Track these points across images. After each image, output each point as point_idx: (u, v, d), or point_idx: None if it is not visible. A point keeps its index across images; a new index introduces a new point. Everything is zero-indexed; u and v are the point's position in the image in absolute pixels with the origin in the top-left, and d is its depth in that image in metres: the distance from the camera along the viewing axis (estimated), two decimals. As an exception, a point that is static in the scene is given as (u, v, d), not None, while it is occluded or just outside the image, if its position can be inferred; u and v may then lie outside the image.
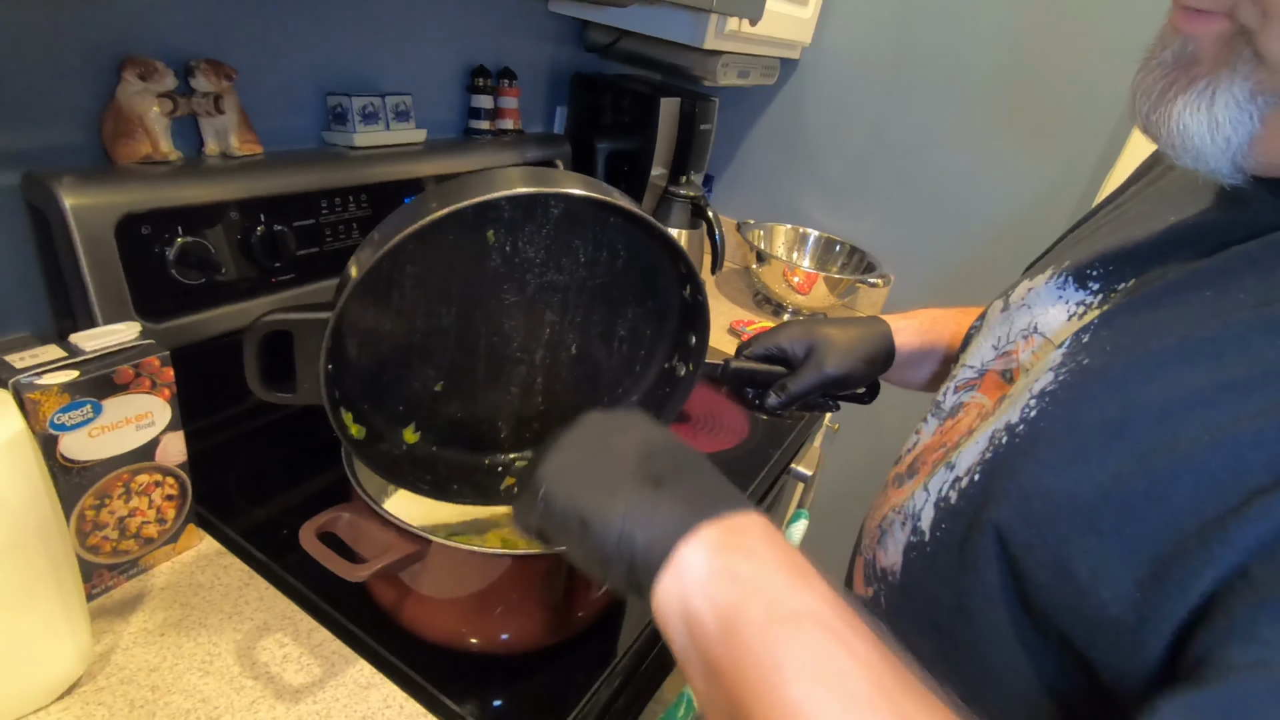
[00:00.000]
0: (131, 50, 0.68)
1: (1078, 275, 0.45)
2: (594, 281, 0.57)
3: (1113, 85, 1.21)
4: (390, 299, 0.52)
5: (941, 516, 0.42)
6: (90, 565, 0.55)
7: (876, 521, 0.50)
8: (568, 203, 0.52)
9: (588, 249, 0.55)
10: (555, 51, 1.28)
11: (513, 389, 0.59)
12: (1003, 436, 0.39)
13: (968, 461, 0.41)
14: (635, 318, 0.60)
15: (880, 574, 0.47)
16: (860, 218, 1.52)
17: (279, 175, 0.78)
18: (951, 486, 0.41)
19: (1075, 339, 0.39)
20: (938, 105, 1.36)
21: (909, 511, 0.45)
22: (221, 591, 0.59)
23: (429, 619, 0.56)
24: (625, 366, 0.62)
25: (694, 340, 0.59)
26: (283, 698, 0.51)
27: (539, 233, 0.53)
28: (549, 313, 0.57)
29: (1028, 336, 0.47)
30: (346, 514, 0.53)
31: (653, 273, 0.57)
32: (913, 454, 0.52)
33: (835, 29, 1.41)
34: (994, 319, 0.52)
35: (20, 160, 0.64)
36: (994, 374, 0.49)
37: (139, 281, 0.67)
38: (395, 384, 0.55)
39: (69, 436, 0.50)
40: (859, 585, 0.51)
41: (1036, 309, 0.47)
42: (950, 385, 0.53)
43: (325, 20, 0.85)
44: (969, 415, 0.48)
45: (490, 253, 0.52)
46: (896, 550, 0.45)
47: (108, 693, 0.49)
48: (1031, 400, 0.39)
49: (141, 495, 0.56)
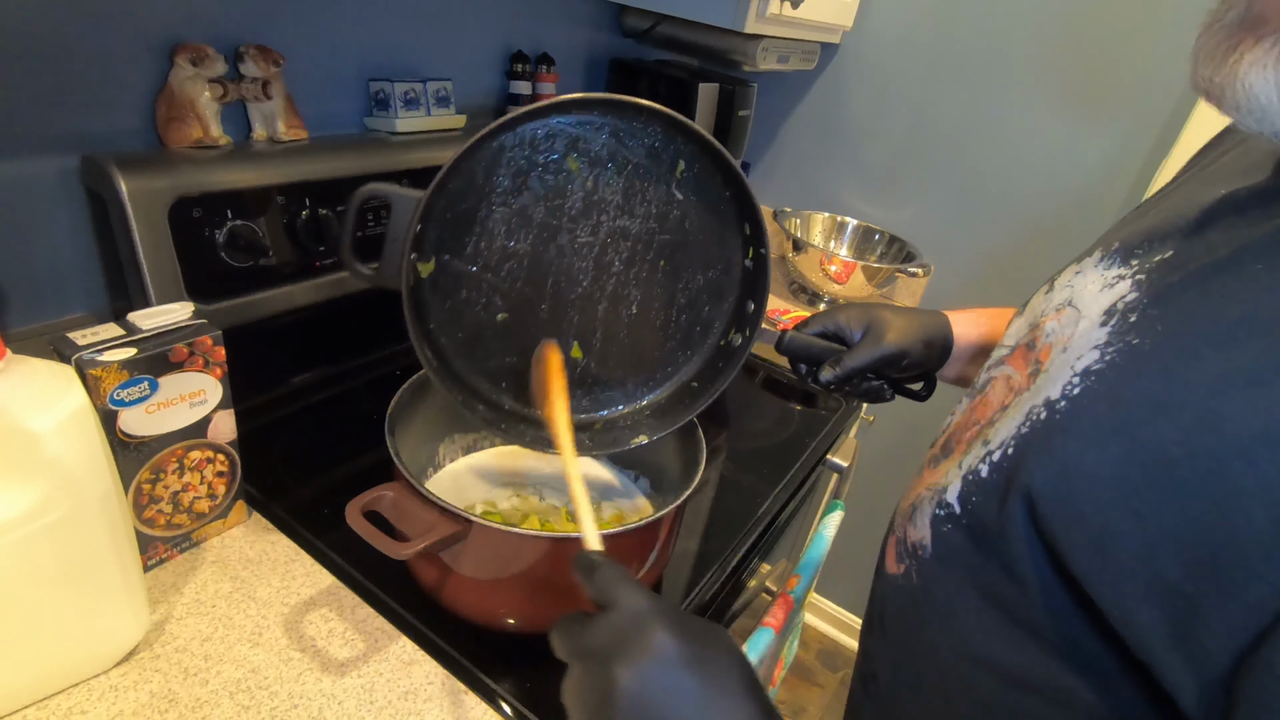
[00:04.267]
0: (184, 36, 0.70)
1: (1124, 253, 0.44)
2: (662, 236, 0.60)
3: (1169, 67, 1.16)
4: (478, 208, 0.56)
5: (969, 489, 0.41)
6: (146, 538, 0.57)
7: (910, 501, 0.50)
8: (652, 129, 0.57)
9: (660, 202, 0.59)
10: (593, 37, 1.28)
11: (571, 339, 0.61)
12: (1041, 412, 0.38)
13: (1002, 436, 0.40)
14: (696, 289, 0.62)
15: (910, 549, 0.47)
16: (900, 206, 1.49)
17: (323, 160, 0.79)
18: (983, 460, 0.41)
19: (1122, 318, 0.38)
20: (983, 90, 1.33)
21: (940, 488, 0.45)
22: (269, 566, 0.60)
23: (469, 599, 0.57)
24: (682, 340, 0.64)
25: (752, 308, 0.61)
26: (329, 671, 0.52)
27: (619, 174, 0.58)
28: (617, 261, 0.60)
29: (1060, 309, 0.46)
30: (390, 493, 0.53)
31: (718, 239, 0.61)
32: (946, 434, 0.52)
33: (877, 12, 1.38)
34: (1037, 301, 0.52)
35: (78, 144, 0.66)
36: (1022, 347, 0.48)
37: (190, 263, 0.68)
38: (463, 305, 0.58)
39: (127, 412, 0.52)
40: (890, 564, 0.50)
41: (1077, 286, 0.47)
42: (986, 364, 0.52)
43: (368, 6, 0.86)
44: (997, 390, 0.47)
45: (573, 182, 0.57)
46: (925, 526, 0.45)
47: (164, 660, 0.51)
48: (1075, 378, 0.38)
49: (194, 471, 0.58)
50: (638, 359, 0.64)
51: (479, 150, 0.53)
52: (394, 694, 0.52)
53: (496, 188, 0.56)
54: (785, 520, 0.86)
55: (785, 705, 1.71)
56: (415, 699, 0.52)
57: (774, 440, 0.97)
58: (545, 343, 0.57)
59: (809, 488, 0.94)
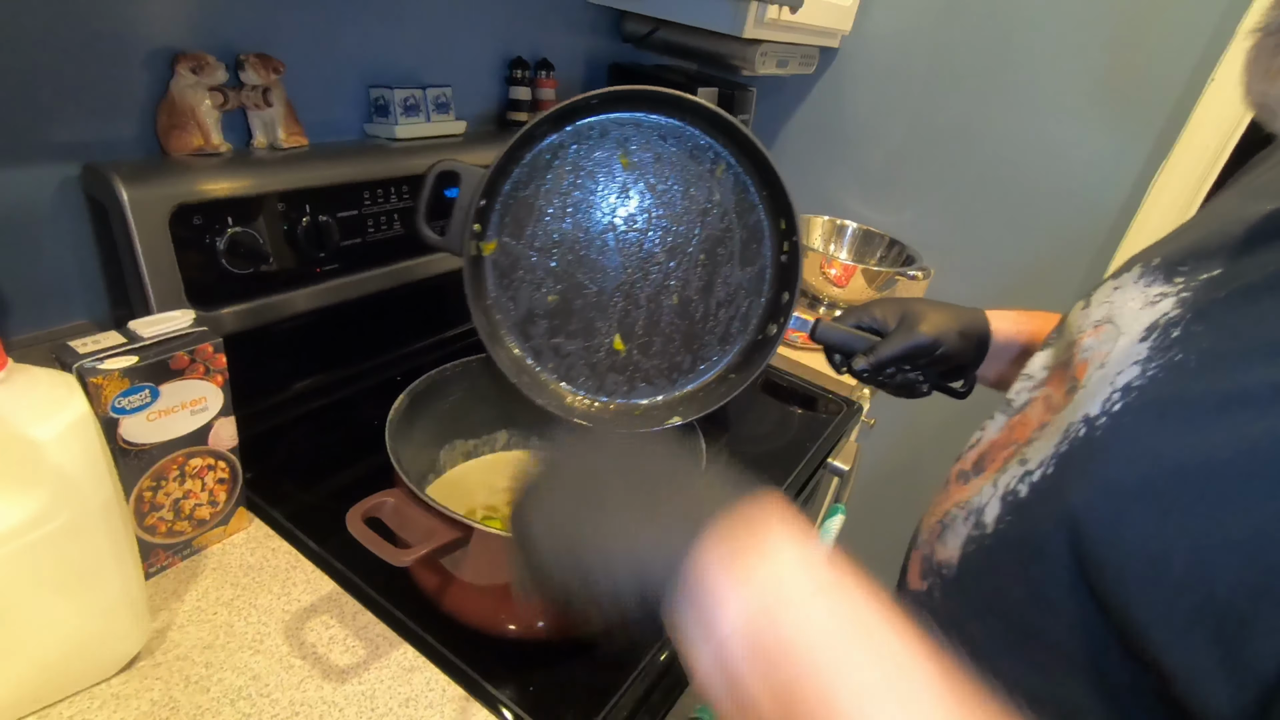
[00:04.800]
0: (184, 45, 0.70)
1: (1166, 269, 0.43)
2: (703, 232, 0.67)
3: (1169, 68, 1.16)
4: (537, 196, 0.64)
5: (1007, 510, 0.41)
6: (147, 545, 0.57)
7: (938, 517, 0.49)
8: (695, 129, 0.65)
9: (701, 199, 0.66)
10: (592, 42, 1.28)
11: (614, 327, 0.67)
12: (1080, 429, 0.37)
13: (1040, 455, 0.39)
14: (734, 284, 0.68)
15: (936, 567, 0.47)
16: (900, 210, 1.49)
17: (323, 167, 0.79)
18: (1021, 480, 0.40)
19: (1164, 333, 0.38)
20: (982, 93, 1.33)
21: (973, 507, 0.44)
22: (270, 573, 0.60)
23: (470, 605, 0.57)
24: (721, 335, 0.69)
25: (786, 298, 0.66)
26: (330, 677, 0.52)
27: (664, 172, 0.65)
28: (660, 254, 0.66)
29: (1098, 325, 0.45)
30: (391, 500, 0.53)
31: (755, 234, 0.67)
32: (977, 450, 0.51)
33: (876, 16, 1.38)
34: (1074, 317, 0.51)
35: (80, 152, 0.66)
36: (1060, 366, 0.48)
37: (191, 270, 0.68)
38: (518, 284, 0.65)
39: (128, 420, 0.52)
40: (914, 580, 0.50)
41: (1117, 303, 0.46)
42: (1024, 384, 0.52)
43: (368, 13, 0.86)
44: (1036, 410, 0.47)
45: (623, 178, 0.65)
46: (955, 545, 0.44)
47: (165, 668, 0.51)
48: (1115, 394, 0.37)
49: (195, 478, 0.58)
50: (678, 350, 0.68)
51: (533, 139, 0.61)
52: (395, 701, 0.52)
53: (553, 179, 0.63)
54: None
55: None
56: (416, 706, 0.52)
57: (774, 444, 0.97)
58: None
59: (810, 492, 0.94)
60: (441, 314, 1.02)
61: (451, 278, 0.98)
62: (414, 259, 0.91)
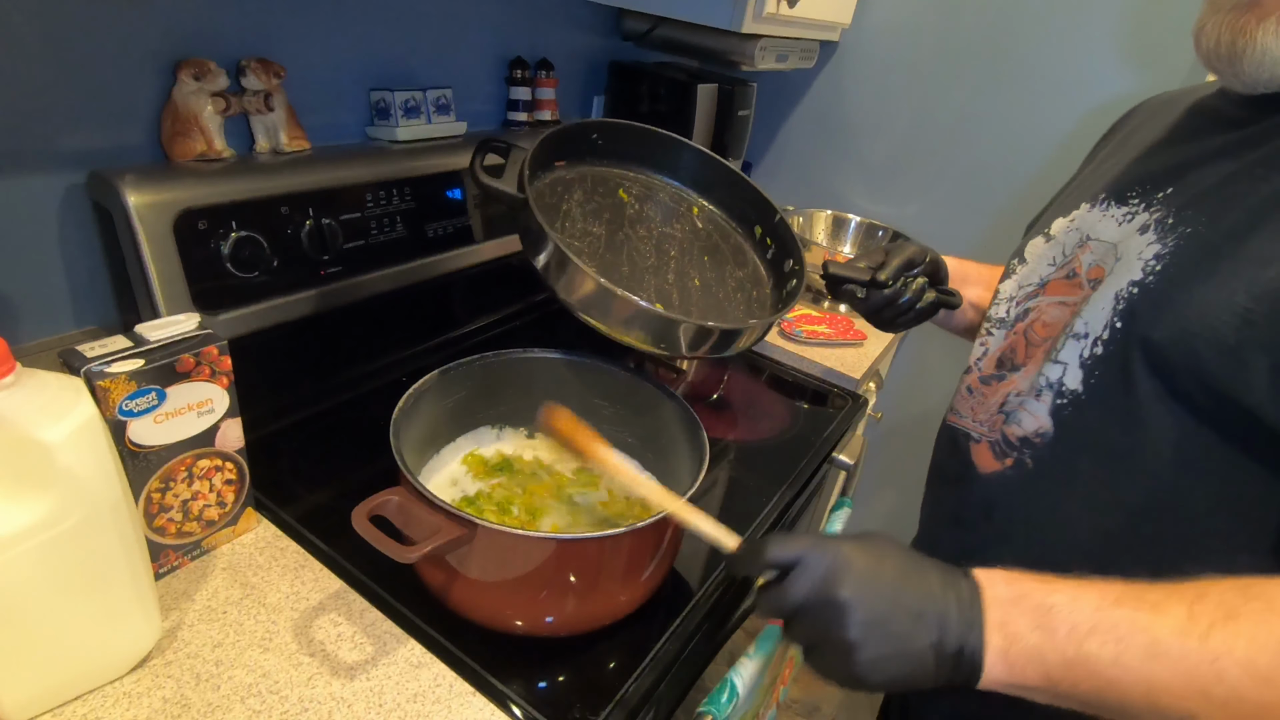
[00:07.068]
0: (186, 52, 0.71)
1: (1116, 195, 0.57)
2: (700, 243, 0.82)
3: (1170, 57, 1.15)
4: (560, 203, 0.75)
5: (1092, 367, 0.51)
6: (157, 546, 0.58)
7: (989, 411, 0.60)
8: (669, 188, 0.86)
9: (689, 224, 0.83)
10: (592, 41, 1.28)
11: (651, 294, 0.74)
12: (1127, 290, 0.50)
13: (1099, 323, 0.51)
14: (740, 279, 0.81)
15: (1019, 443, 0.56)
16: (903, 202, 1.48)
17: (326, 170, 0.80)
18: (1092, 345, 0.51)
19: (1160, 225, 0.51)
20: (983, 83, 1.32)
21: (1042, 384, 0.55)
22: (279, 572, 0.61)
23: (476, 601, 0.58)
24: (746, 310, 0.78)
25: (793, 285, 0.78)
26: (338, 674, 0.53)
27: (656, 206, 0.82)
28: (673, 249, 0.79)
29: (1083, 244, 0.58)
30: (396, 498, 0.54)
31: (739, 250, 0.84)
32: (992, 355, 0.63)
33: (876, 9, 1.38)
34: (1037, 251, 0.64)
35: (85, 160, 0.67)
36: (1057, 280, 0.60)
37: (196, 275, 0.69)
38: None
39: (136, 422, 0.53)
40: (987, 464, 0.59)
41: (1085, 228, 0.59)
42: (1007, 304, 0.64)
43: (368, 16, 0.87)
44: (1047, 313, 0.59)
45: (625, 206, 0.80)
46: (1040, 416, 0.55)
47: (175, 666, 0.52)
48: (1144, 264, 0.50)
49: (203, 479, 0.59)
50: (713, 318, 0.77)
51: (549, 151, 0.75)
52: (403, 697, 0.52)
53: (570, 198, 0.75)
54: (793, 518, 0.86)
55: (799, 704, 1.70)
56: (424, 701, 0.52)
57: (780, 438, 0.97)
58: (546, 409, 0.61)
59: (816, 486, 0.94)
60: (445, 315, 1.02)
61: (454, 278, 0.98)
62: (418, 260, 0.92)
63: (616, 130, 0.81)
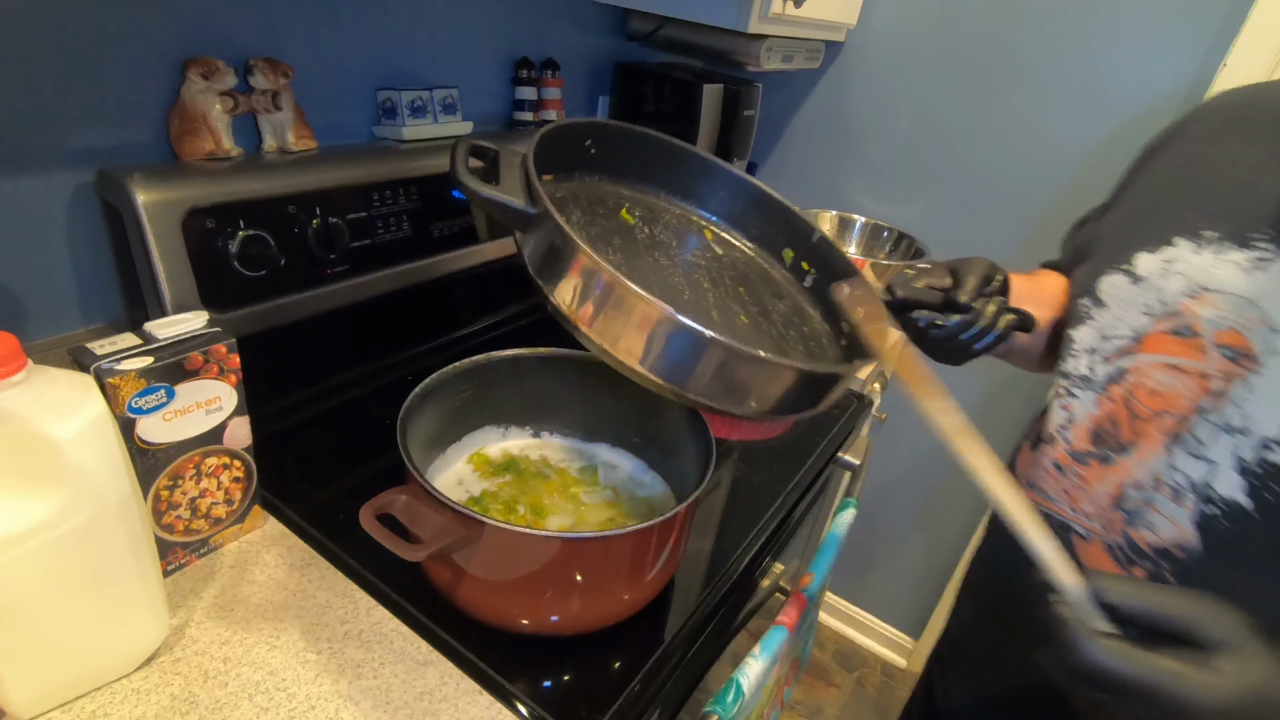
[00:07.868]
0: (195, 51, 0.71)
1: (1233, 236, 0.48)
2: (728, 271, 0.66)
3: (1171, 64, 1.15)
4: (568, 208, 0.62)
5: (1266, 478, 0.43)
6: (165, 543, 0.58)
7: (1099, 504, 0.51)
8: (671, 211, 0.68)
9: (708, 248, 0.67)
10: (597, 41, 1.28)
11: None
12: None
13: (1271, 421, 0.42)
14: (784, 313, 0.66)
15: (1156, 554, 0.48)
16: (908, 203, 1.48)
17: (333, 169, 0.80)
18: (1261, 448, 0.43)
19: None
20: (990, 83, 1.32)
21: (1179, 482, 0.46)
22: (286, 570, 0.61)
23: (482, 600, 0.58)
24: (804, 346, 0.64)
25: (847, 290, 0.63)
26: (345, 672, 0.53)
27: (664, 224, 0.66)
28: (704, 279, 0.64)
29: (1194, 294, 0.49)
30: (403, 496, 0.54)
31: (767, 278, 0.68)
32: (1083, 426, 0.53)
33: (882, 8, 1.38)
34: (1120, 293, 0.53)
35: (94, 159, 0.67)
36: (1161, 336, 0.50)
37: (204, 273, 0.69)
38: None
39: (145, 420, 0.53)
40: (1105, 568, 0.50)
41: (1192, 274, 0.49)
42: (1088, 357, 0.54)
43: (375, 16, 0.87)
44: (1161, 378, 0.49)
45: (634, 230, 0.64)
46: (1181, 525, 0.46)
47: (184, 663, 0.52)
48: None
49: (211, 477, 0.59)
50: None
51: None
52: (409, 695, 0.52)
53: (569, 218, 0.57)
54: (797, 519, 0.86)
55: (802, 705, 1.70)
56: (430, 699, 0.52)
57: (785, 439, 0.97)
58: (837, 286, 0.55)
59: (821, 486, 0.94)
60: (451, 314, 1.02)
61: (459, 277, 0.98)
62: (423, 260, 0.92)
63: (610, 137, 0.64)
